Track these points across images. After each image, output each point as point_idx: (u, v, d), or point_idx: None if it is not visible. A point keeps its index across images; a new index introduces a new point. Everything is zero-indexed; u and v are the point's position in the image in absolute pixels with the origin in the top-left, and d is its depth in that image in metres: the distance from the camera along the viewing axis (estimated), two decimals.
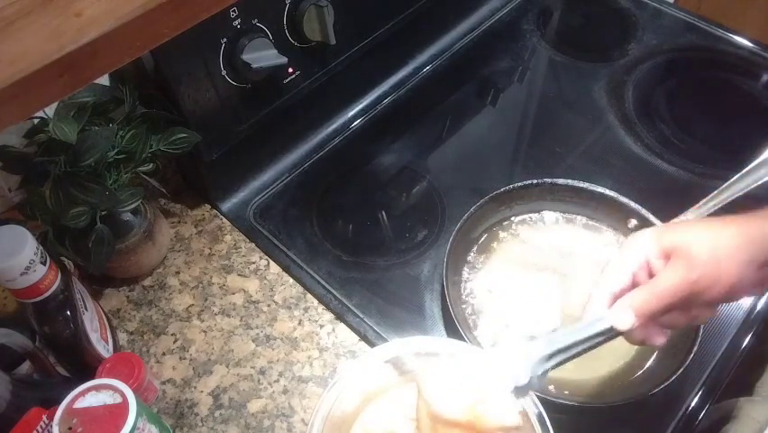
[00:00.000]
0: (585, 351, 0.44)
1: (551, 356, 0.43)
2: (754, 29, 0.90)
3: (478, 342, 0.57)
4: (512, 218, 0.66)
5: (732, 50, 0.84)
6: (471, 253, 0.64)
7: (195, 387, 0.57)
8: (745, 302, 0.61)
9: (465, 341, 0.54)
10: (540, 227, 0.66)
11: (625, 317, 0.41)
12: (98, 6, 0.39)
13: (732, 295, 0.42)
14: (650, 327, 0.43)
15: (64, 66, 0.37)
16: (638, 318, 0.41)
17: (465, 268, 0.63)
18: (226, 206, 0.70)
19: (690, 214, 0.62)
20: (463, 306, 0.60)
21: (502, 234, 0.65)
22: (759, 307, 0.61)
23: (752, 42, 0.84)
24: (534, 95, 0.83)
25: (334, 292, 0.62)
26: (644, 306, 0.41)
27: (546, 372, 0.43)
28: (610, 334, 0.43)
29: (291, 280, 0.64)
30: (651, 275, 0.43)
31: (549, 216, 0.67)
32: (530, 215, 0.67)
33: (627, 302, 0.42)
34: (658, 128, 0.76)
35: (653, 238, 0.44)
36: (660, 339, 0.44)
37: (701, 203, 0.62)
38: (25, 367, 0.52)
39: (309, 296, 0.63)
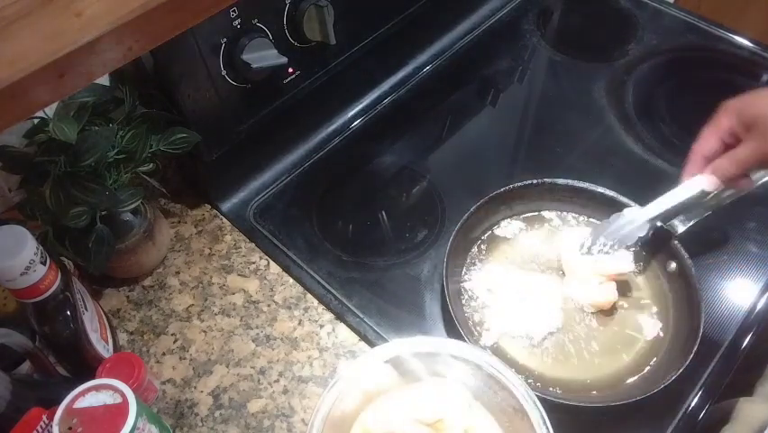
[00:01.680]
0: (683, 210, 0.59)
1: (655, 218, 0.59)
2: (754, 29, 0.90)
3: (478, 342, 0.57)
4: (512, 218, 0.66)
5: (732, 50, 0.84)
6: (471, 253, 0.64)
7: (195, 387, 0.57)
8: (746, 302, 0.61)
9: (465, 341, 0.54)
10: (540, 227, 0.66)
11: (711, 181, 0.54)
12: (98, 6, 0.39)
13: None
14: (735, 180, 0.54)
15: (64, 66, 0.37)
16: (722, 182, 0.54)
17: (465, 268, 0.63)
18: (226, 206, 0.70)
19: (691, 213, 0.62)
20: (463, 305, 0.60)
21: (502, 234, 0.65)
22: (759, 307, 0.61)
23: (752, 42, 0.84)
24: (534, 95, 0.83)
25: (334, 292, 0.62)
26: (725, 172, 0.53)
27: (652, 228, 0.60)
28: (703, 194, 0.56)
29: (291, 281, 0.64)
30: (738, 139, 0.53)
31: (549, 216, 0.67)
32: (530, 214, 0.67)
33: (711, 170, 0.54)
34: (658, 128, 0.76)
35: (736, 112, 0.53)
36: (745, 183, 0.55)
37: (702, 202, 0.62)
38: (25, 367, 0.52)
39: (309, 296, 0.63)
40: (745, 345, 0.58)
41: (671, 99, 0.79)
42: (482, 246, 0.65)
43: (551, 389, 0.55)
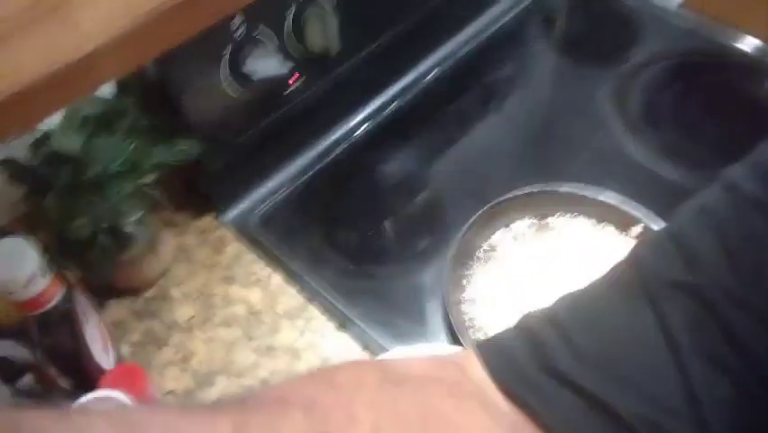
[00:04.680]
0: None
1: None
2: (761, 33, 0.89)
3: None
4: (515, 225, 0.66)
5: (738, 54, 0.83)
6: (474, 261, 0.63)
7: (197, 398, 0.57)
8: None
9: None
10: (543, 234, 0.65)
11: None
12: (98, 18, 0.39)
13: None
14: None
15: (63, 77, 0.37)
16: None
17: (468, 276, 0.62)
18: (229, 216, 0.70)
19: None
20: (465, 313, 0.59)
21: (505, 242, 0.65)
22: None
23: (758, 47, 0.83)
24: (539, 101, 0.83)
25: (337, 303, 0.62)
26: None
27: None
28: None
29: (293, 291, 0.63)
30: None
31: (552, 222, 0.66)
32: (533, 221, 0.66)
33: None
34: (664, 133, 0.75)
35: None
36: None
37: None
38: (27, 379, 0.52)
39: (311, 306, 0.62)
40: None
41: (677, 104, 0.78)
42: (485, 254, 0.64)
43: None
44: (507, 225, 0.66)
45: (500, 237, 0.65)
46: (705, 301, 0.27)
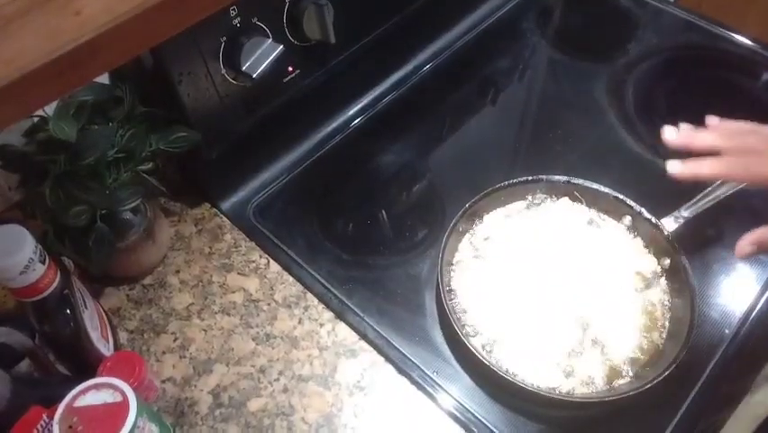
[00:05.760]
0: None
1: None
2: (755, 28, 0.90)
3: (473, 339, 0.57)
4: (508, 215, 0.66)
5: (732, 49, 0.84)
6: (468, 250, 0.64)
7: (195, 386, 0.57)
8: (746, 301, 0.61)
9: (460, 337, 0.54)
10: (536, 224, 0.66)
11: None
12: (97, 5, 0.39)
13: None
14: None
15: (63, 65, 0.37)
16: None
17: (461, 264, 0.63)
18: (226, 204, 0.70)
19: (685, 211, 0.62)
20: (458, 302, 0.60)
21: (497, 231, 0.65)
22: (759, 306, 0.61)
23: (752, 41, 0.84)
24: (535, 94, 0.83)
25: (334, 291, 0.62)
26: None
27: None
28: None
29: (291, 279, 0.64)
30: None
31: (546, 212, 0.66)
32: (526, 211, 0.67)
33: None
34: (658, 127, 0.76)
35: None
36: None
37: (696, 198, 0.62)
38: (25, 365, 0.52)
39: (309, 295, 0.63)
40: (745, 344, 0.58)
41: (671, 98, 0.79)
42: (478, 243, 0.65)
43: (547, 385, 0.55)
44: (499, 214, 0.66)
45: (492, 226, 0.66)
46: None
